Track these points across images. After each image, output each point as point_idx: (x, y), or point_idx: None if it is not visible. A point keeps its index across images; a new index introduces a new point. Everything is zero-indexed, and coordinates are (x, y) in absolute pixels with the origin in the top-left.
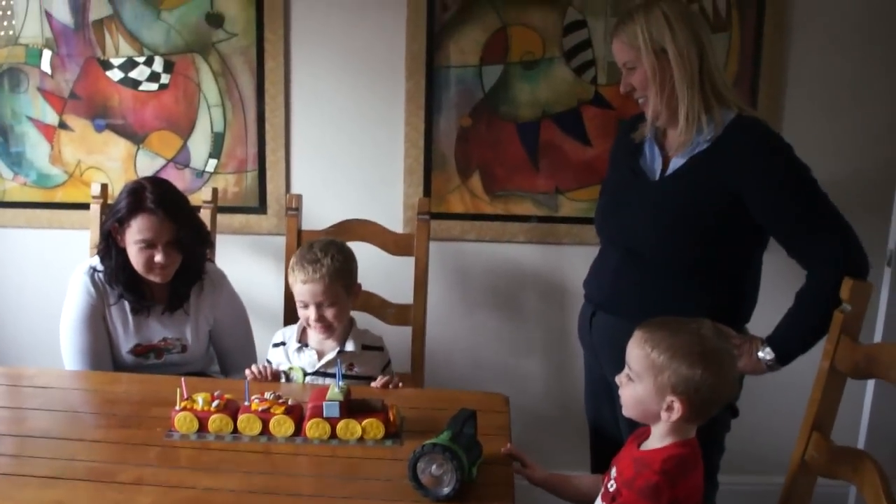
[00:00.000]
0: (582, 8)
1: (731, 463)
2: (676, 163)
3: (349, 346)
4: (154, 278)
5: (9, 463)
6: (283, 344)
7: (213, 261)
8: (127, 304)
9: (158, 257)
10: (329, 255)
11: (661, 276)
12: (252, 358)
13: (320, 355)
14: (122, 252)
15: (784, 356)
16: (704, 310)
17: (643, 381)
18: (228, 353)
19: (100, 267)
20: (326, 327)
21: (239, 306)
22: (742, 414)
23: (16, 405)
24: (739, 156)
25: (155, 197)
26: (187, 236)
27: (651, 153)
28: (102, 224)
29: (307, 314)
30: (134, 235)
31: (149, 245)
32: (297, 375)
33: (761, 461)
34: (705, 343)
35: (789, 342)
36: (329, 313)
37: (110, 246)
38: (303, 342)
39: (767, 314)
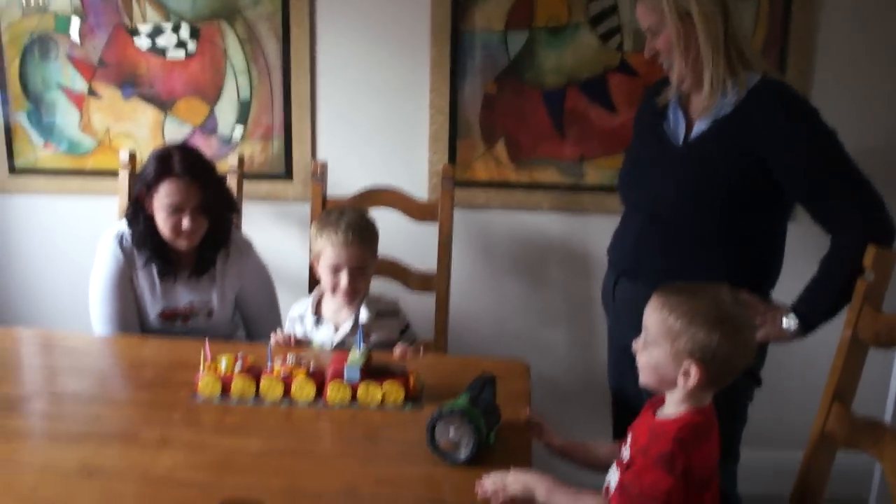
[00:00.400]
0: None
1: (754, 435)
2: (700, 127)
3: (363, 317)
4: (181, 244)
5: (39, 420)
6: (302, 318)
7: (239, 228)
8: (154, 269)
9: (185, 222)
10: (364, 219)
11: (684, 242)
12: (277, 324)
13: (336, 328)
14: (150, 218)
15: (808, 324)
16: (728, 277)
17: (660, 346)
18: (254, 319)
19: (128, 232)
20: (353, 293)
21: (265, 274)
22: (767, 384)
23: (47, 365)
24: (763, 118)
25: (182, 162)
26: (214, 202)
27: (675, 117)
28: (131, 190)
29: (336, 280)
30: (161, 200)
31: (176, 210)
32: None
33: (785, 434)
34: (723, 308)
35: (814, 310)
36: (361, 278)
37: (138, 211)
38: (318, 315)
39: (792, 283)
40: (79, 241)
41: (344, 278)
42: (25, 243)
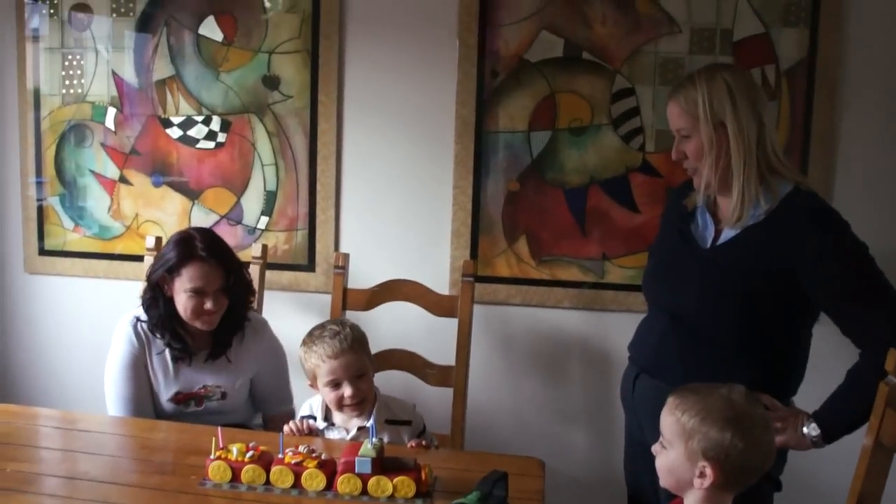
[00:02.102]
0: (630, 76)
1: None
2: (729, 233)
3: (370, 423)
4: (201, 326)
5: (50, 500)
6: (313, 418)
7: (255, 309)
8: (168, 353)
9: (209, 304)
10: (346, 325)
11: (707, 345)
12: (287, 403)
13: (347, 432)
14: (170, 301)
15: (830, 433)
16: (749, 381)
17: (675, 447)
18: (264, 398)
19: (143, 317)
20: (360, 403)
21: (279, 353)
22: (787, 489)
23: (62, 447)
24: (795, 230)
25: (205, 245)
26: (235, 283)
27: (703, 221)
28: (150, 274)
29: (339, 393)
30: (185, 284)
31: (200, 292)
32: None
33: None
34: (736, 408)
35: (836, 420)
36: (363, 385)
37: (157, 296)
38: (329, 421)
39: (815, 388)
40: (102, 324)
41: (347, 389)
42: (50, 323)
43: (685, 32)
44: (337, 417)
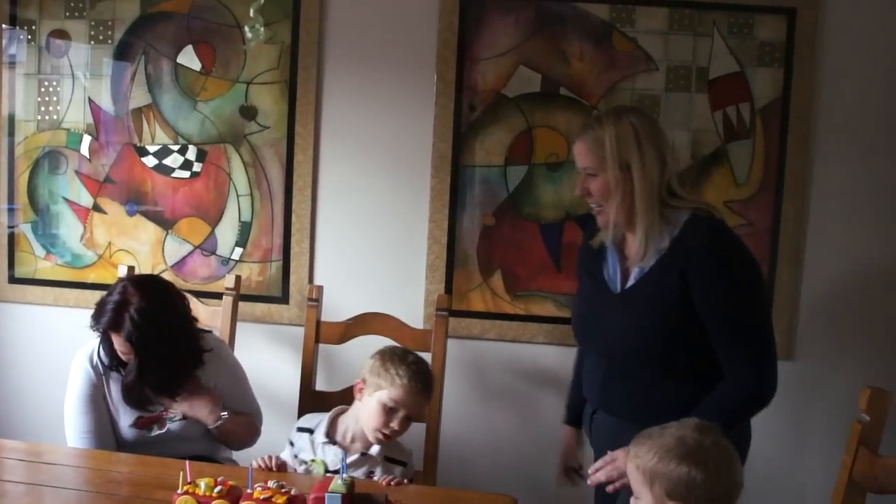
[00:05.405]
0: None
1: None
2: (636, 272)
3: (373, 451)
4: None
5: None
6: (311, 432)
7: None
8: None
9: (129, 357)
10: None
11: (643, 380)
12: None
13: (344, 453)
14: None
15: None
16: (691, 402)
17: (643, 497)
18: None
19: (98, 350)
20: (390, 436)
21: (234, 369)
22: None
23: (26, 481)
24: (689, 254)
25: (134, 316)
26: (150, 354)
27: (612, 263)
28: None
29: (387, 420)
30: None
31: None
32: (317, 469)
33: None
34: (687, 442)
35: None
36: (406, 427)
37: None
38: (331, 437)
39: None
40: (73, 354)
41: (397, 422)
42: (19, 352)
43: (661, 70)
44: (339, 435)
